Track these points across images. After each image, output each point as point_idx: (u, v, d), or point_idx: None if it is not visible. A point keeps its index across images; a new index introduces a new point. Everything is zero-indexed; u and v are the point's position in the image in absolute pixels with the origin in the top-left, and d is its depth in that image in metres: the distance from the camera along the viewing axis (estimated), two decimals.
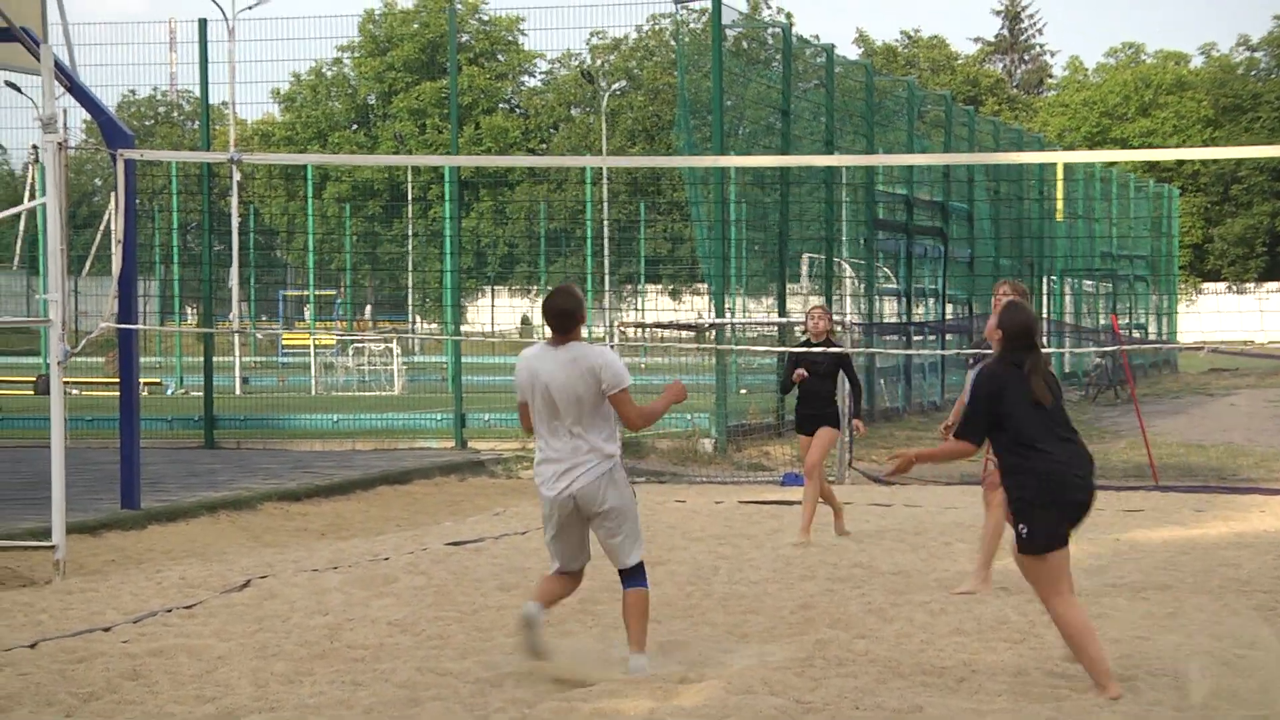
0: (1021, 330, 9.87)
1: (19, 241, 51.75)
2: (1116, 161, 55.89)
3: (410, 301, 52.54)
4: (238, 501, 19.42)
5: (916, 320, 36.25)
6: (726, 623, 11.65)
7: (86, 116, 20.12)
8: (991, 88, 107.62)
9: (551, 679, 9.83)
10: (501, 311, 58.33)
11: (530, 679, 9.87)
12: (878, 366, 32.89)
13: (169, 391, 40.60)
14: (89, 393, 36.82)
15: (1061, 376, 45.01)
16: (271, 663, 10.34)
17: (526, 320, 60.68)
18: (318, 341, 46.19)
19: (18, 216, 45.38)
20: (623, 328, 25.71)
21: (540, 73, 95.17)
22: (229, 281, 34.48)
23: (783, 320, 28.46)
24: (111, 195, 15.75)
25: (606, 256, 49.89)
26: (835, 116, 31.93)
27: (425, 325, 56.55)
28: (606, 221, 52.01)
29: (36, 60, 16.25)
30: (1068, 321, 46.13)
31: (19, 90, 37.02)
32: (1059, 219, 45.32)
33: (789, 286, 30.26)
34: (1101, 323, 49.09)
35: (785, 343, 28.42)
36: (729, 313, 28.60)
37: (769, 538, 16.66)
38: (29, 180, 49.08)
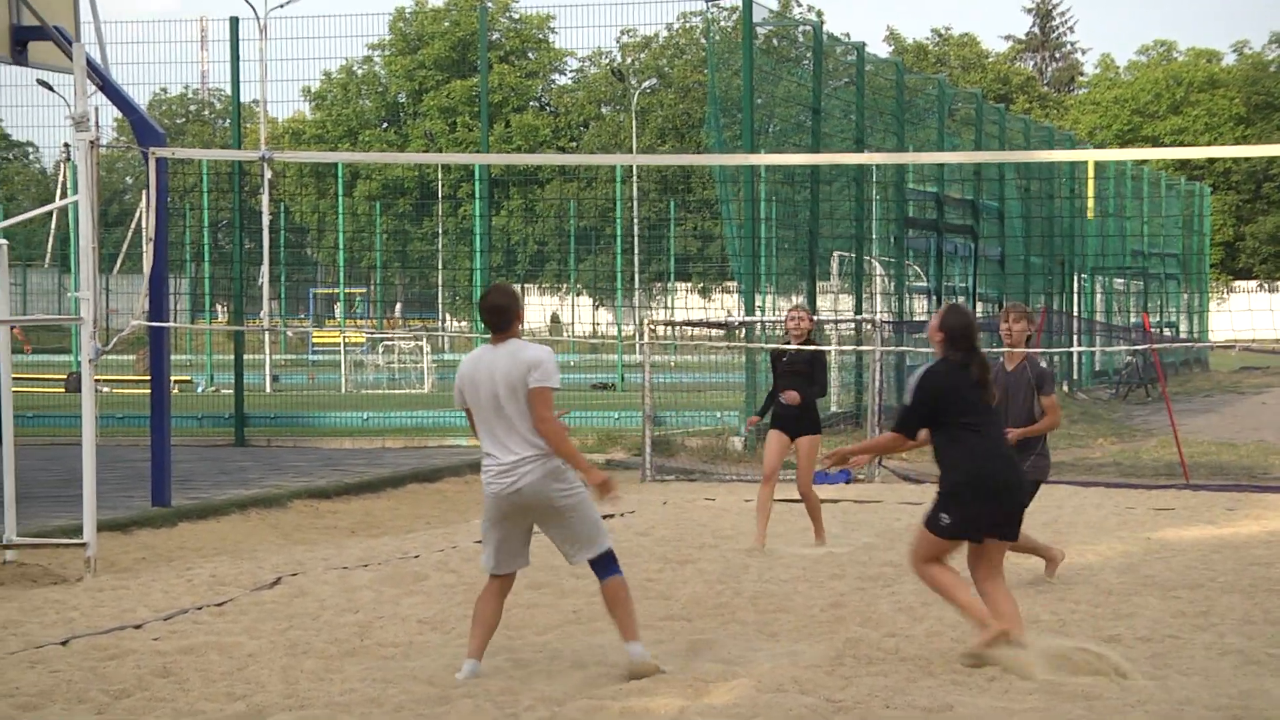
0: (962, 331, 10.25)
1: (50, 239, 51.88)
2: (1148, 159, 55.75)
3: (440, 299, 52.63)
4: (268, 499, 19.46)
5: None
6: (757, 621, 11.64)
7: (118, 115, 20.18)
8: (1022, 86, 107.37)
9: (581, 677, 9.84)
10: (531, 309, 58.40)
11: (560, 676, 9.88)
12: (908, 365, 32.80)
13: (199, 389, 40.69)
14: (120, 390, 36.92)
15: (1092, 375, 44.93)
16: (302, 660, 10.36)
17: (556, 318, 60.68)
18: (348, 339, 46.25)
19: (49, 214, 45.50)
20: (652, 326, 25.66)
21: (570, 71, 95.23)
22: (260, 279, 34.54)
23: (813, 318, 28.40)
24: (143, 193, 15.80)
25: (636, 255, 49.84)
26: (866, 114, 31.86)
27: (455, 323, 56.60)
28: (636, 219, 51.97)
29: (69, 59, 16.30)
30: (1098, 320, 46.01)
31: (51, 89, 37.17)
32: (1090, 217, 45.22)
33: (819, 285, 30.20)
34: (1132, 321, 48.98)
35: (816, 341, 28.40)
36: (759, 311, 28.57)
37: (799, 535, 16.64)
38: (60, 178, 49.23)
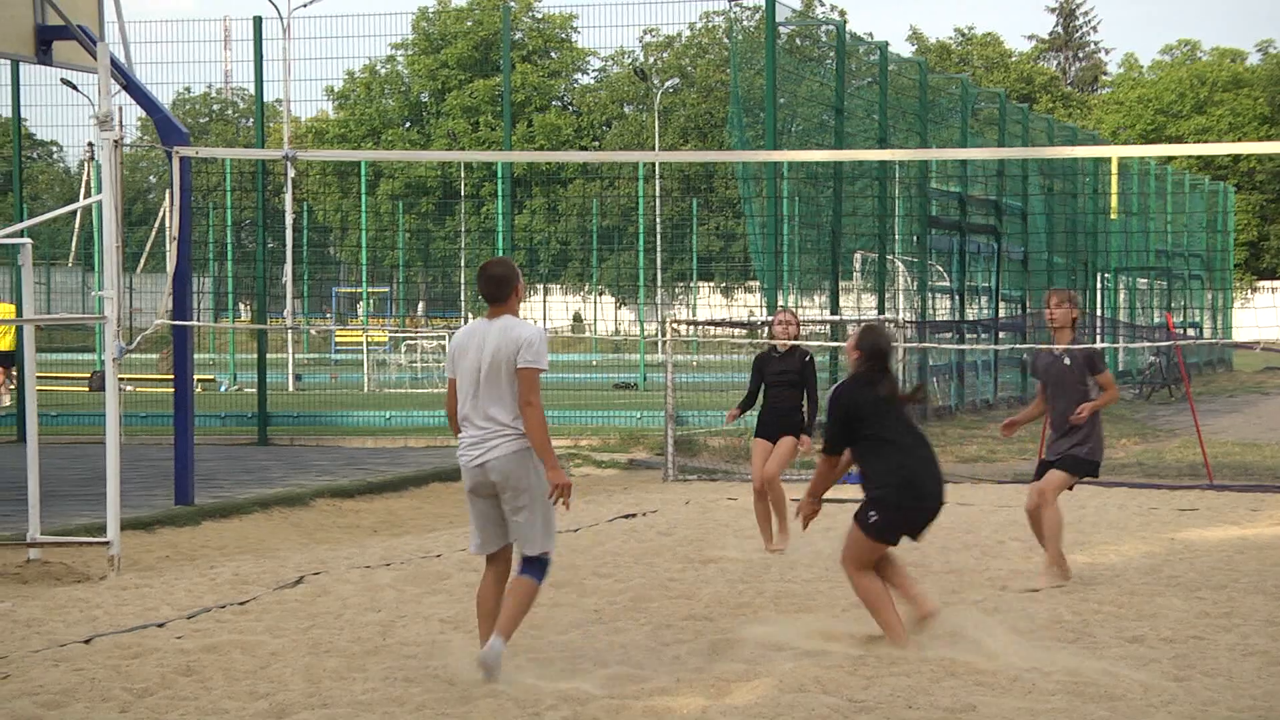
0: (877, 352, 10.76)
1: (74, 238, 51.98)
2: (1171, 158, 55.62)
3: (463, 298, 52.64)
4: (290, 498, 19.49)
5: (970, 318, 36.15)
6: (780, 617, 11.63)
7: (142, 114, 20.27)
8: (1046, 85, 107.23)
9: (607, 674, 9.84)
10: (554, 308, 58.47)
11: (582, 675, 9.88)
12: (930, 364, 32.79)
13: (222, 388, 40.76)
14: (143, 389, 36.99)
15: (1116, 374, 44.83)
16: (324, 659, 10.37)
17: (578, 317, 60.73)
18: (370, 338, 46.31)
19: (73, 214, 45.62)
20: (675, 325, 25.67)
21: (593, 70, 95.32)
22: (283, 278, 34.56)
23: (835, 318, 28.41)
24: (166, 192, 15.84)
25: (659, 254, 49.88)
26: (888, 114, 31.84)
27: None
28: (659, 219, 51.99)
29: (93, 58, 16.34)
30: (1122, 319, 45.94)
31: (75, 88, 37.20)
32: (1113, 216, 45.13)
33: (842, 284, 30.19)
34: (1156, 320, 48.90)
35: (838, 340, 28.37)
36: (781, 310, 28.54)
37: (821, 535, 16.61)
38: (84, 177, 49.30)
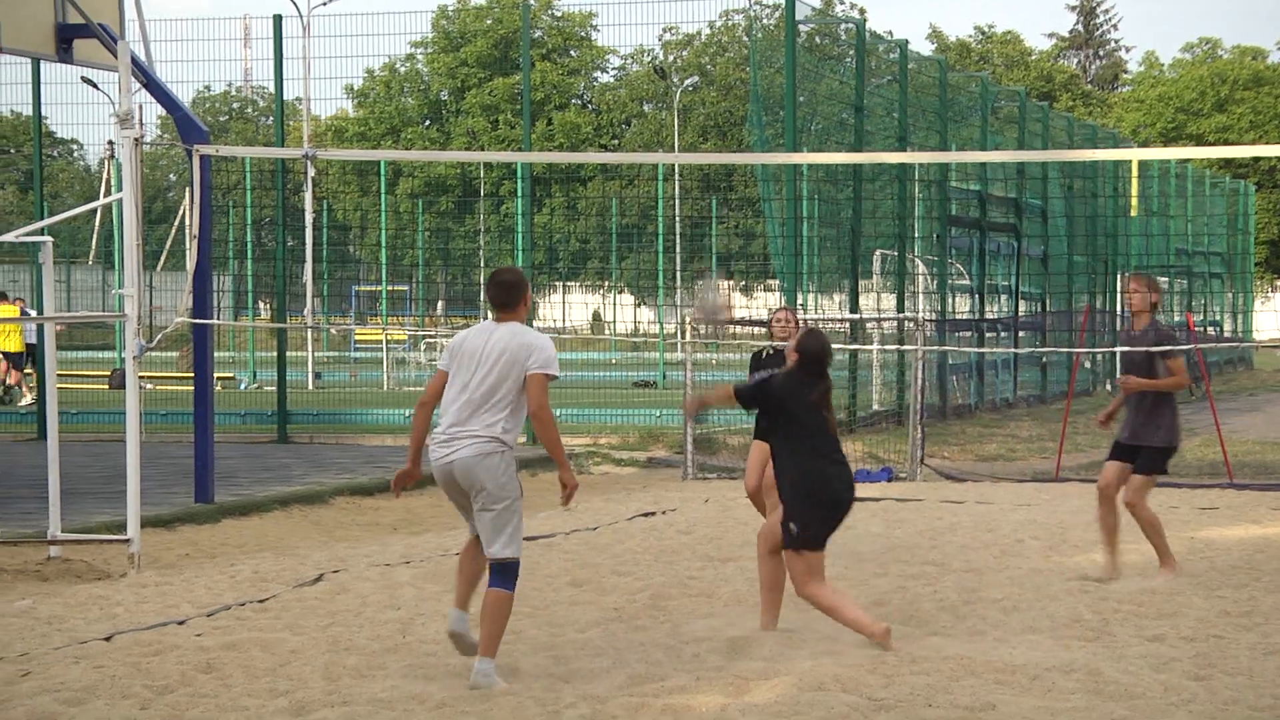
0: (815, 357, 10.86)
1: (95, 237, 52.10)
2: (1191, 158, 55.50)
3: (482, 297, 52.61)
4: (310, 496, 19.52)
5: (989, 317, 36.12)
6: (798, 619, 11.62)
7: (162, 112, 20.27)
8: (1066, 84, 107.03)
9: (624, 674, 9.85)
10: (573, 307, 58.48)
11: (602, 674, 9.89)
12: (950, 363, 32.78)
13: (242, 386, 40.80)
14: (163, 387, 37.06)
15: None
16: (344, 657, 10.38)
17: (598, 316, 60.71)
18: (390, 337, 46.34)
19: (94, 212, 45.72)
20: (694, 324, 25.64)
21: (613, 69, 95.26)
22: (302, 277, 34.57)
23: (855, 317, 28.40)
24: (186, 191, 15.87)
25: (678, 252, 49.87)
26: (908, 113, 31.82)
27: None
28: (678, 217, 51.99)
29: (114, 56, 16.38)
30: None
31: (95, 86, 37.26)
32: (1134, 215, 45.08)
33: (861, 283, 30.18)
34: (1176, 320, 48.82)
35: (858, 339, 28.37)
36: (801, 309, 28.55)
37: (840, 534, 16.57)
38: (105, 176, 49.39)
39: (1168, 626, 11.33)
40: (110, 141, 41.11)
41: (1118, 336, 14.85)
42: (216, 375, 25.65)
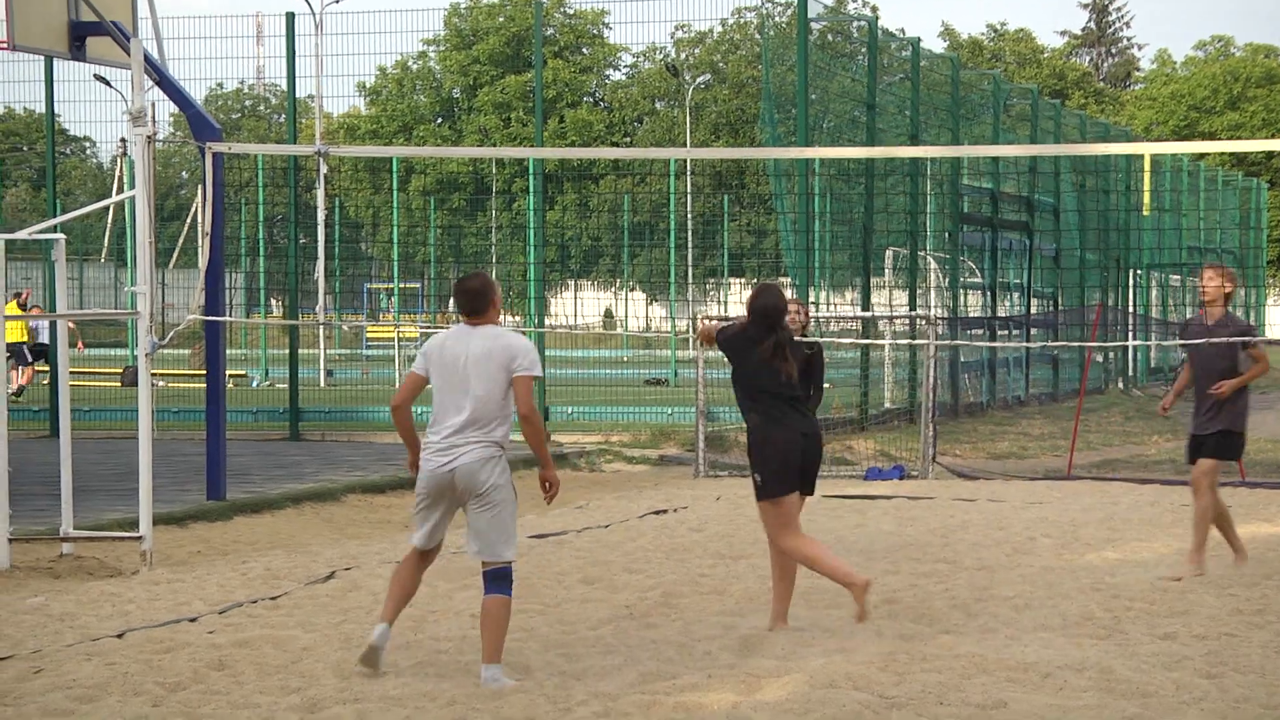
0: (761, 312, 11.14)
1: (107, 234, 52.10)
2: (1204, 154, 55.45)
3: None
4: (322, 493, 19.54)
5: (1001, 315, 36.09)
6: (809, 617, 11.62)
7: (175, 110, 20.30)
8: (1078, 81, 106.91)
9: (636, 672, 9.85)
10: (585, 304, 58.48)
11: (613, 671, 9.89)
12: (962, 360, 32.76)
13: (254, 383, 40.83)
14: (176, 384, 37.09)
15: (1147, 371, 44.71)
16: (355, 654, 10.36)
17: (609, 313, 60.68)
18: (402, 334, 46.34)
19: (106, 209, 45.70)
20: (706, 321, 25.65)
21: (625, 66, 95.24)
22: (314, 274, 34.60)
23: (867, 314, 28.39)
24: (199, 188, 15.88)
25: (690, 250, 49.83)
26: (920, 110, 31.80)
27: (509, 318, 56.67)
28: (690, 215, 51.96)
29: (126, 54, 16.38)
30: (1154, 316, 45.81)
31: (108, 84, 37.31)
32: (1146, 212, 45.00)
33: (873, 280, 30.17)
34: (1188, 317, 48.71)
35: (870, 337, 28.35)
36: (812, 306, 28.54)
37: (852, 532, 16.61)
38: (117, 173, 49.42)
39: (1179, 625, 11.32)
40: (123, 139, 41.14)
41: (1188, 328, 14.82)
42: (228, 372, 25.70)
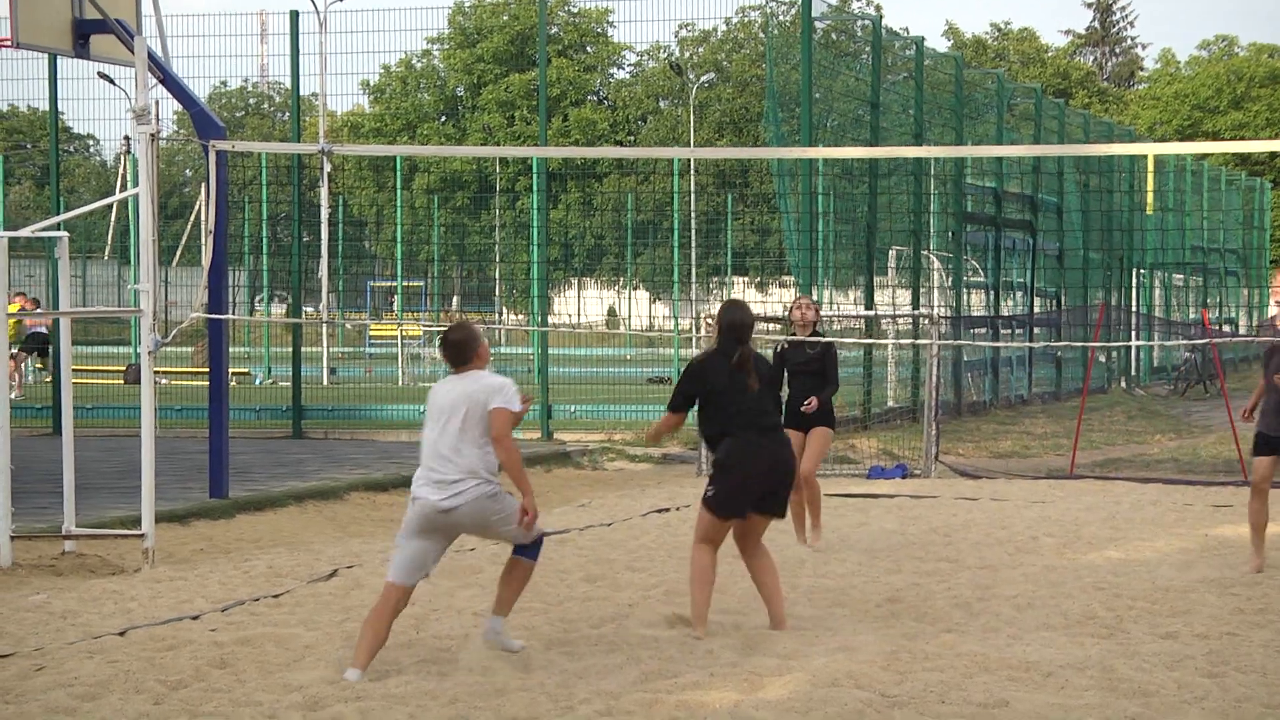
0: (729, 326, 11.26)
1: (110, 232, 52.17)
2: (1208, 154, 55.41)
3: (498, 293, 52.69)
4: (325, 491, 19.54)
5: (1004, 314, 36.08)
6: (812, 615, 11.63)
7: (178, 108, 20.26)
8: (1082, 81, 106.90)
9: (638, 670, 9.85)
10: (588, 303, 58.51)
11: (615, 670, 9.89)
12: (965, 359, 32.76)
13: (257, 381, 40.84)
14: (179, 382, 37.09)
15: (1150, 371, 44.70)
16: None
17: (613, 312, 60.72)
18: (405, 332, 46.37)
19: (110, 207, 45.73)
20: (709, 320, 25.64)
21: (629, 65, 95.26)
22: (318, 272, 34.61)
23: (870, 313, 28.39)
24: (202, 186, 15.87)
25: (693, 248, 49.84)
26: (924, 109, 31.80)
27: (512, 316, 56.68)
28: (694, 213, 51.97)
29: (130, 52, 16.40)
30: (1157, 315, 45.81)
31: (112, 82, 37.30)
32: (1149, 212, 45.00)
33: (877, 280, 30.17)
34: (1191, 317, 48.74)
35: (873, 335, 28.35)
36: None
37: (854, 530, 16.62)
38: (121, 171, 49.50)
39: (1181, 624, 11.32)
40: (126, 137, 41.17)
41: (1262, 330, 14.99)
42: (231, 370, 25.70)
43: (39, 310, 33.91)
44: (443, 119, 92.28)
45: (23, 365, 35.48)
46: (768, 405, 11.26)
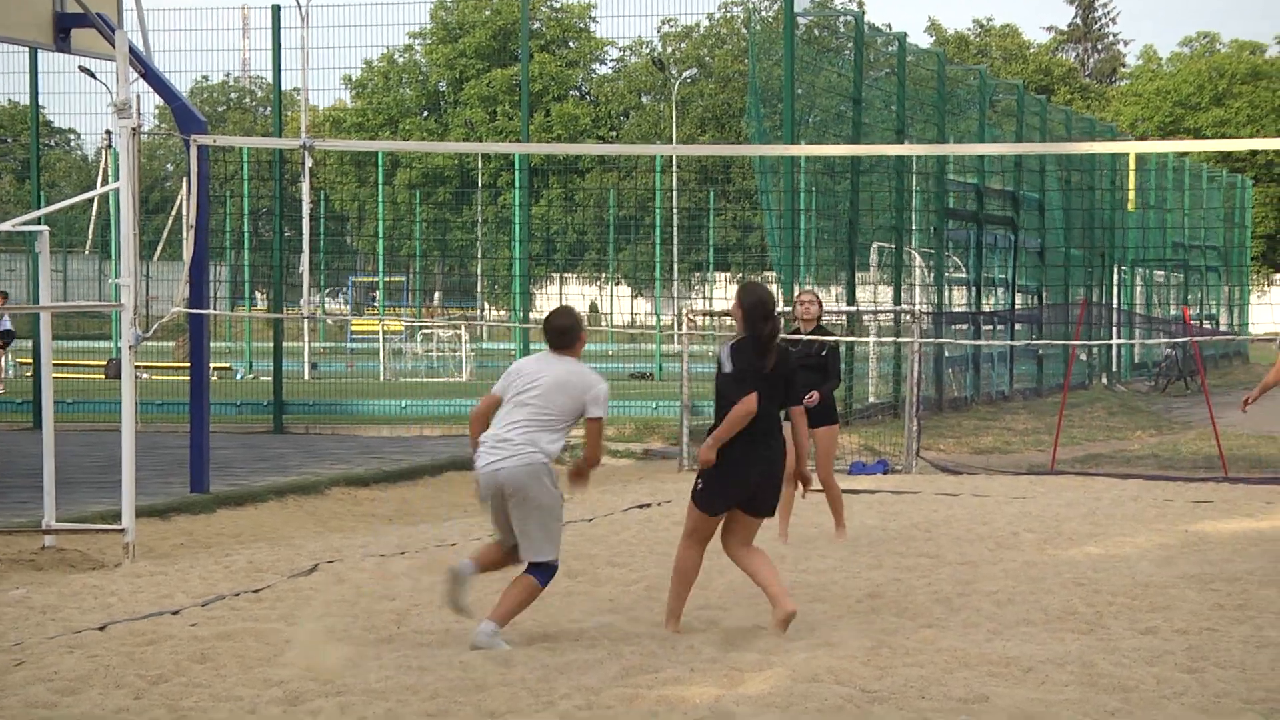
0: (753, 306, 10.92)
1: (91, 226, 52.05)
2: (1189, 151, 55.50)
3: (479, 288, 52.68)
4: (306, 486, 19.52)
5: (986, 310, 36.12)
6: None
7: (160, 102, 20.25)
8: (1064, 77, 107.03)
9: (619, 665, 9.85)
10: (570, 299, 58.48)
11: (596, 665, 9.89)
12: (946, 356, 32.79)
13: (238, 376, 40.81)
14: (159, 377, 37.04)
15: (1131, 367, 44.78)
16: (338, 647, 10.38)
17: (595, 308, 60.72)
18: (386, 327, 46.34)
19: (90, 201, 45.69)
20: (691, 315, 25.66)
21: (611, 60, 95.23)
22: (299, 267, 34.60)
23: (852, 309, 28.40)
24: (184, 181, 15.86)
25: (675, 244, 49.85)
26: (906, 105, 31.81)
27: (494, 312, 56.65)
28: (676, 209, 51.96)
29: (111, 46, 16.37)
30: (1138, 312, 45.87)
31: (93, 76, 37.26)
32: (1130, 209, 45.06)
33: (858, 275, 30.18)
34: (1172, 313, 48.81)
35: (854, 332, 28.35)
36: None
37: (835, 526, 16.61)
38: (102, 165, 49.37)
39: (1161, 619, 11.34)
40: (107, 131, 41.18)
41: None
42: (212, 365, 25.68)
43: (6, 305, 33.87)
44: (425, 114, 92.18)
45: (2, 360, 35.43)
46: (771, 408, 10.95)
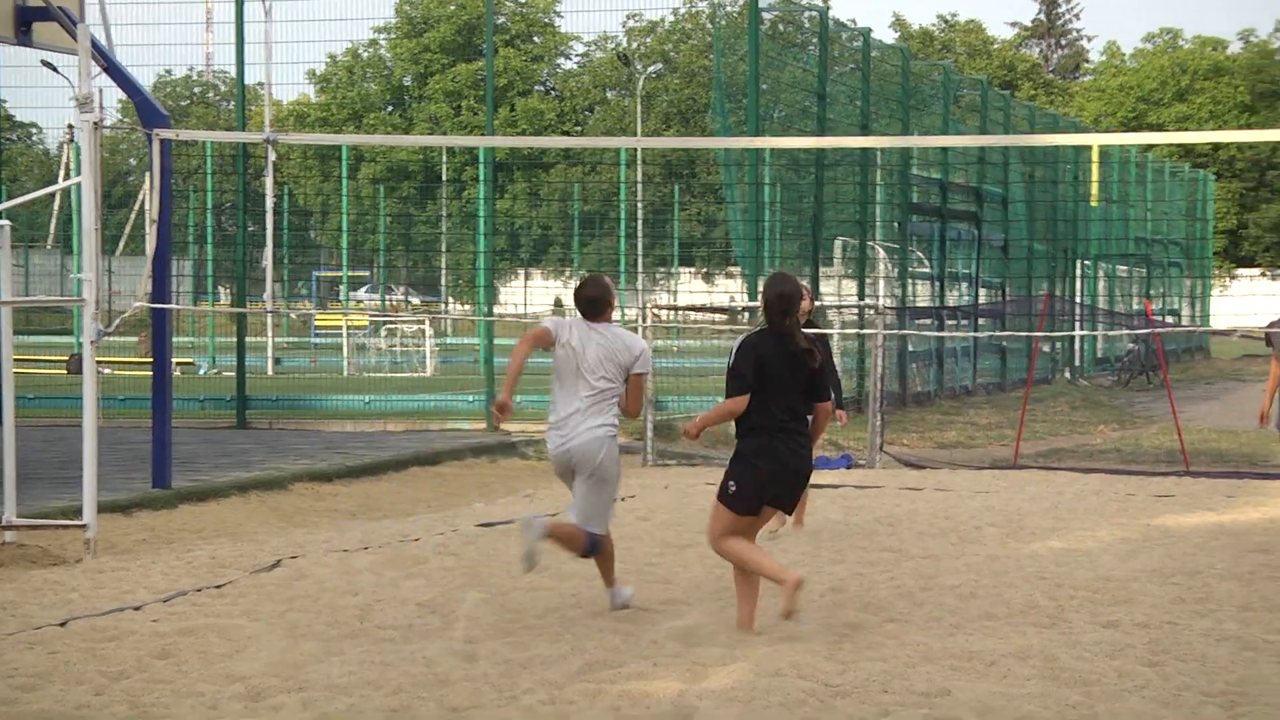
0: (777, 298, 10.70)
1: (53, 221, 51.87)
2: (1152, 146, 55.65)
3: (444, 282, 52.58)
4: (269, 482, 19.48)
5: (950, 304, 36.20)
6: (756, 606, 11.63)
7: (122, 96, 20.22)
8: (1028, 73, 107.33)
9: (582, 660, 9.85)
10: (535, 293, 58.45)
11: (559, 660, 9.89)
12: (910, 350, 32.84)
13: (201, 371, 40.68)
14: (122, 372, 36.92)
15: (1094, 362, 44.92)
16: (301, 642, 10.36)
17: (559, 302, 60.66)
18: (350, 322, 46.26)
19: (52, 196, 45.50)
20: (656, 310, 25.68)
21: (576, 55, 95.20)
22: (263, 262, 34.52)
23: (816, 304, 28.41)
24: (146, 175, 15.81)
25: (640, 239, 49.84)
26: (871, 101, 31.87)
27: (458, 306, 56.60)
28: (641, 204, 51.97)
29: (73, 39, 16.30)
30: (1101, 306, 46.01)
31: (55, 69, 37.12)
32: (1094, 204, 45.19)
33: (822, 270, 30.22)
34: (1134, 308, 48.97)
35: (818, 326, 28.37)
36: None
37: (806, 518, 16.62)
38: (64, 160, 49.20)
39: (1122, 613, 11.38)
40: (70, 125, 40.97)
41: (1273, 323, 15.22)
42: (175, 360, 25.60)
43: None
44: (389, 108, 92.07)
45: None
46: (799, 406, 10.69)
